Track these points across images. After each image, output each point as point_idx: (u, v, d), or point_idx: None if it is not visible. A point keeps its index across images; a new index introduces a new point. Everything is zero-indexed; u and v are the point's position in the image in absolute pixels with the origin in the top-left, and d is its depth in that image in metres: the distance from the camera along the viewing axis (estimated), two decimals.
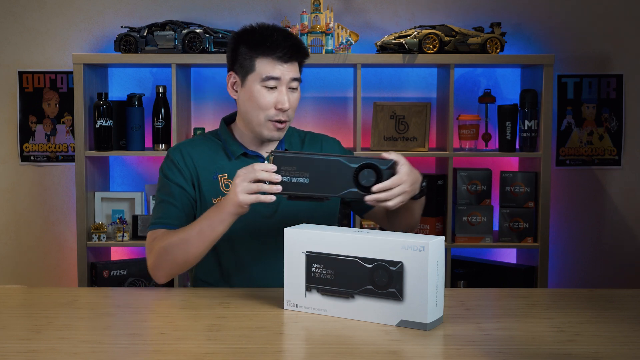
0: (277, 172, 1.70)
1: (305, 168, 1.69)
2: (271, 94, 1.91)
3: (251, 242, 1.97)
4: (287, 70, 1.91)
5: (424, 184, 1.88)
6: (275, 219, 1.98)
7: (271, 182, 1.70)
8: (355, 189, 1.68)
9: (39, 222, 3.42)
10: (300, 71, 1.99)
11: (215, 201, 1.96)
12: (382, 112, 3.24)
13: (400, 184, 1.72)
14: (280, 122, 1.92)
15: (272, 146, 2.02)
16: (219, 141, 2.03)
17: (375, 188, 1.69)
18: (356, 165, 1.68)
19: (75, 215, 3.13)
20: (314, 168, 1.69)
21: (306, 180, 1.69)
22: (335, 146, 2.12)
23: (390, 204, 1.72)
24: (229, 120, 2.06)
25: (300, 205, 1.91)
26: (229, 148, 2.00)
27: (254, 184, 1.71)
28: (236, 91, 1.97)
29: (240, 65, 1.93)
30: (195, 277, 2.06)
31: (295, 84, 1.94)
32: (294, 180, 1.70)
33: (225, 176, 1.98)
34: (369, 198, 1.70)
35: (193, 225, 1.84)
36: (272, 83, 1.90)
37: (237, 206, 1.75)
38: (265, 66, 1.90)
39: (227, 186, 1.97)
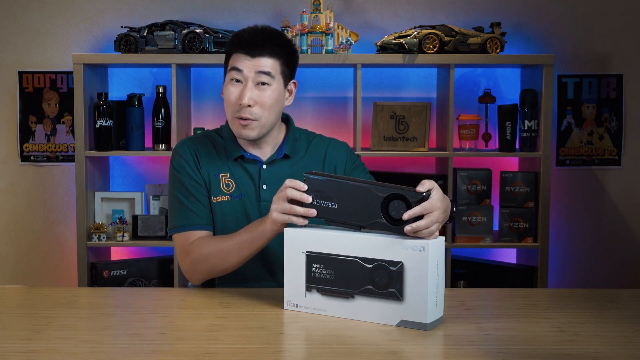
0: (308, 194, 1.66)
1: (334, 193, 1.64)
2: (236, 88, 1.90)
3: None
4: (251, 64, 1.88)
5: (454, 209, 1.80)
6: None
7: (305, 205, 1.67)
8: (383, 220, 1.60)
9: (39, 222, 3.42)
10: (287, 69, 1.94)
11: (215, 200, 1.96)
12: (382, 112, 3.24)
13: (433, 211, 1.57)
14: (243, 118, 1.89)
15: (268, 147, 2.00)
16: (221, 139, 2.02)
17: (406, 216, 1.55)
18: (384, 195, 1.59)
19: (75, 215, 3.13)
20: (342, 193, 1.63)
21: (334, 206, 1.64)
22: (342, 150, 2.07)
23: (425, 233, 1.56)
24: None
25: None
26: (228, 149, 1.99)
27: (287, 204, 1.69)
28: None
29: (225, 67, 1.96)
30: None
31: (265, 79, 1.89)
32: (322, 204, 1.65)
33: (226, 175, 1.98)
34: (407, 229, 1.56)
35: (234, 237, 1.85)
36: (236, 74, 1.89)
37: (272, 224, 1.74)
38: (234, 60, 1.91)
39: (227, 185, 1.97)
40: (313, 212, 1.66)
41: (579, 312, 1.70)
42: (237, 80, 1.90)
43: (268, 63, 1.89)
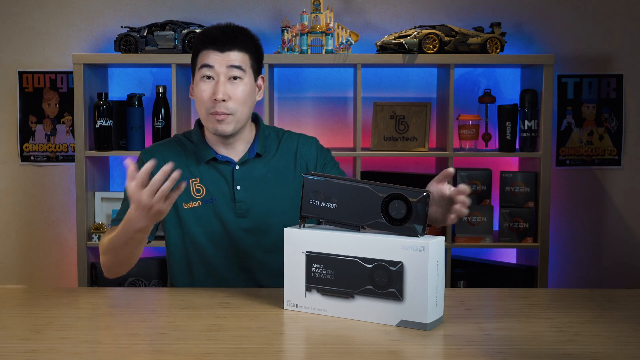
0: (307, 195, 1.66)
1: (334, 193, 1.64)
2: (208, 84, 1.90)
3: (223, 243, 1.98)
4: (221, 59, 1.89)
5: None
6: (247, 218, 1.97)
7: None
8: (383, 220, 1.60)
9: (39, 222, 3.42)
10: (256, 63, 1.95)
11: (186, 206, 1.95)
12: (382, 112, 3.24)
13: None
14: (219, 114, 1.89)
15: (240, 147, 1.99)
16: (191, 143, 2.01)
17: (461, 189, 1.68)
18: (384, 195, 1.60)
19: (75, 215, 3.13)
20: (342, 194, 1.63)
21: (334, 206, 1.64)
22: (312, 146, 2.07)
23: (464, 211, 1.70)
24: (200, 121, 2.05)
25: (272, 207, 1.94)
26: (199, 152, 1.98)
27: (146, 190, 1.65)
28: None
29: (192, 67, 1.95)
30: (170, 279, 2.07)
31: (237, 73, 1.90)
32: (322, 204, 1.65)
33: (196, 180, 1.96)
34: (456, 192, 1.69)
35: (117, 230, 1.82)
36: (207, 71, 1.89)
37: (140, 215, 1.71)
38: (203, 57, 1.91)
39: (197, 191, 1.95)
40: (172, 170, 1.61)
41: (579, 312, 1.70)
42: (209, 77, 1.90)
43: (238, 57, 1.91)
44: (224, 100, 1.88)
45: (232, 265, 1.98)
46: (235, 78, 1.90)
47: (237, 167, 1.98)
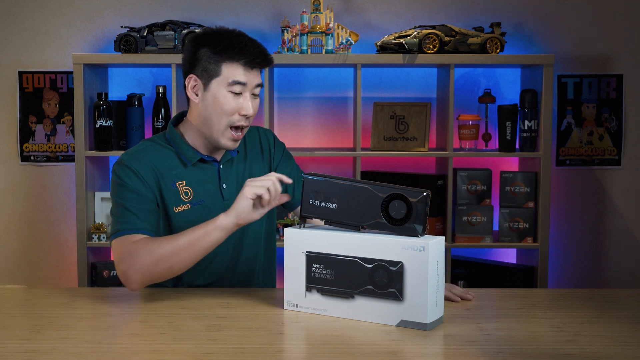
0: (307, 195, 1.68)
1: (334, 193, 1.65)
2: (236, 99, 1.89)
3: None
4: (253, 77, 1.90)
5: None
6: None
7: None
8: (383, 220, 1.60)
9: (39, 222, 3.42)
10: None
11: (176, 210, 1.92)
12: (382, 112, 3.24)
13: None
14: (241, 129, 1.91)
15: (223, 149, 1.99)
16: (169, 147, 1.97)
17: (465, 297, 1.81)
18: (385, 195, 1.60)
19: (75, 215, 3.13)
20: (342, 194, 1.64)
21: (334, 206, 1.65)
22: (271, 136, 2.11)
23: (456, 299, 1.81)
24: (175, 121, 2.02)
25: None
26: (184, 155, 1.95)
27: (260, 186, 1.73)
28: (197, 94, 1.92)
29: (203, 69, 1.89)
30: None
31: (257, 90, 1.93)
32: (322, 204, 1.66)
33: (183, 183, 1.94)
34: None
35: (185, 234, 1.79)
36: (238, 88, 1.88)
37: (240, 205, 1.77)
38: (233, 71, 1.88)
39: (186, 194, 1.94)
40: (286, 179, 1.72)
41: (579, 312, 1.70)
42: (237, 92, 1.89)
43: (260, 75, 1.94)
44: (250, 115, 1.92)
45: (225, 263, 1.98)
46: (254, 95, 1.94)
47: (221, 166, 1.99)
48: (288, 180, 1.77)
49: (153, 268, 1.78)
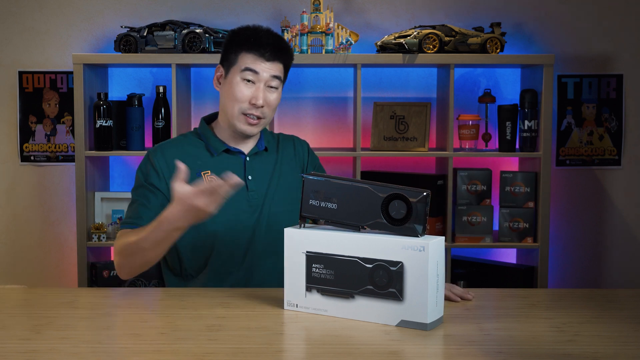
0: (307, 195, 1.68)
1: (334, 193, 1.65)
2: (248, 88, 1.97)
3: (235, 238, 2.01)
4: (267, 68, 1.97)
5: None
6: (259, 207, 2.02)
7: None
8: (383, 220, 1.60)
9: (39, 222, 3.42)
10: (286, 74, 2.05)
11: None
12: (382, 112, 3.24)
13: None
14: (253, 117, 1.97)
15: (250, 142, 2.07)
16: (199, 140, 2.08)
17: (465, 297, 1.80)
18: (385, 195, 1.60)
19: (75, 215, 3.13)
20: (342, 194, 1.64)
21: (334, 206, 1.65)
22: (305, 147, 2.19)
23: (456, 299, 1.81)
24: (208, 120, 2.13)
25: (279, 197, 2.00)
26: (211, 145, 2.05)
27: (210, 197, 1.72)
28: (219, 83, 2.04)
29: (227, 59, 2.01)
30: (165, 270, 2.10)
31: (275, 83, 1.99)
32: (322, 204, 1.66)
33: (208, 172, 2.01)
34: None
35: (148, 232, 1.82)
36: (250, 75, 1.96)
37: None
38: (246, 59, 1.97)
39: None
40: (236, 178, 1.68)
41: (579, 312, 1.70)
42: (249, 80, 1.97)
43: (279, 68, 2.01)
44: (261, 106, 1.97)
45: (241, 253, 2.00)
46: (271, 87, 1.99)
47: (247, 158, 2.05)
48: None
49: (130, 264, 1.89)
